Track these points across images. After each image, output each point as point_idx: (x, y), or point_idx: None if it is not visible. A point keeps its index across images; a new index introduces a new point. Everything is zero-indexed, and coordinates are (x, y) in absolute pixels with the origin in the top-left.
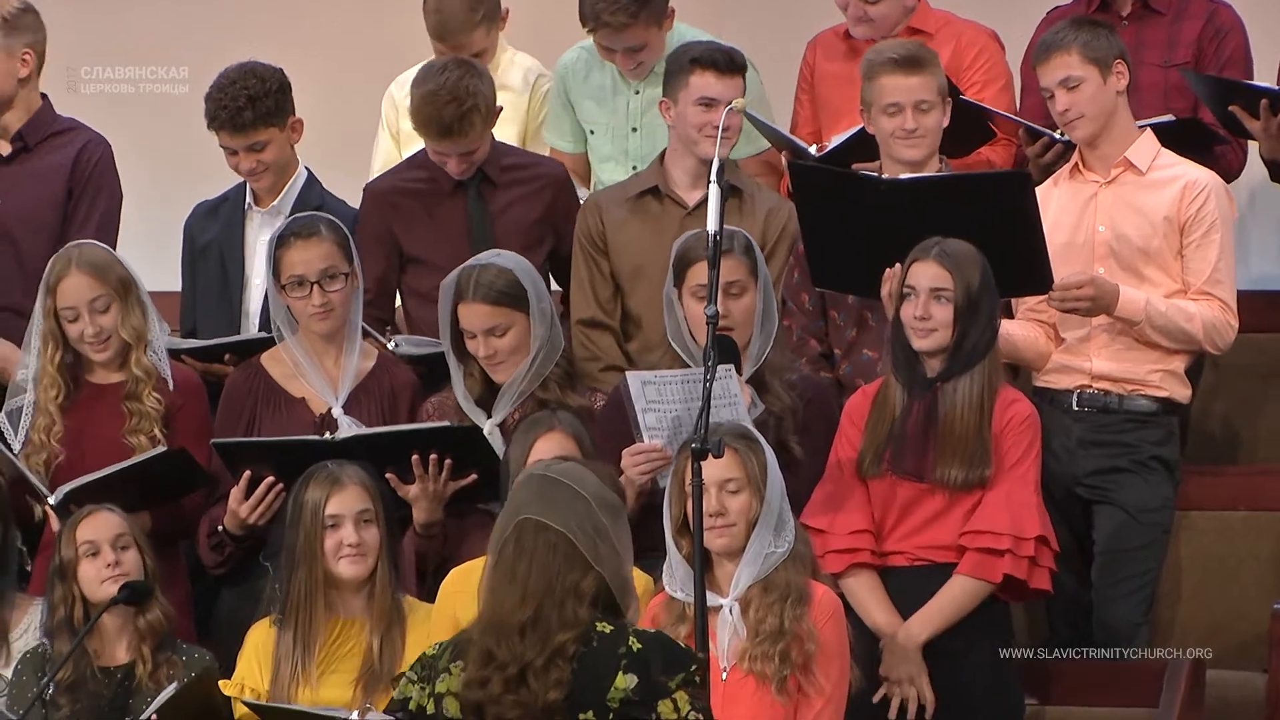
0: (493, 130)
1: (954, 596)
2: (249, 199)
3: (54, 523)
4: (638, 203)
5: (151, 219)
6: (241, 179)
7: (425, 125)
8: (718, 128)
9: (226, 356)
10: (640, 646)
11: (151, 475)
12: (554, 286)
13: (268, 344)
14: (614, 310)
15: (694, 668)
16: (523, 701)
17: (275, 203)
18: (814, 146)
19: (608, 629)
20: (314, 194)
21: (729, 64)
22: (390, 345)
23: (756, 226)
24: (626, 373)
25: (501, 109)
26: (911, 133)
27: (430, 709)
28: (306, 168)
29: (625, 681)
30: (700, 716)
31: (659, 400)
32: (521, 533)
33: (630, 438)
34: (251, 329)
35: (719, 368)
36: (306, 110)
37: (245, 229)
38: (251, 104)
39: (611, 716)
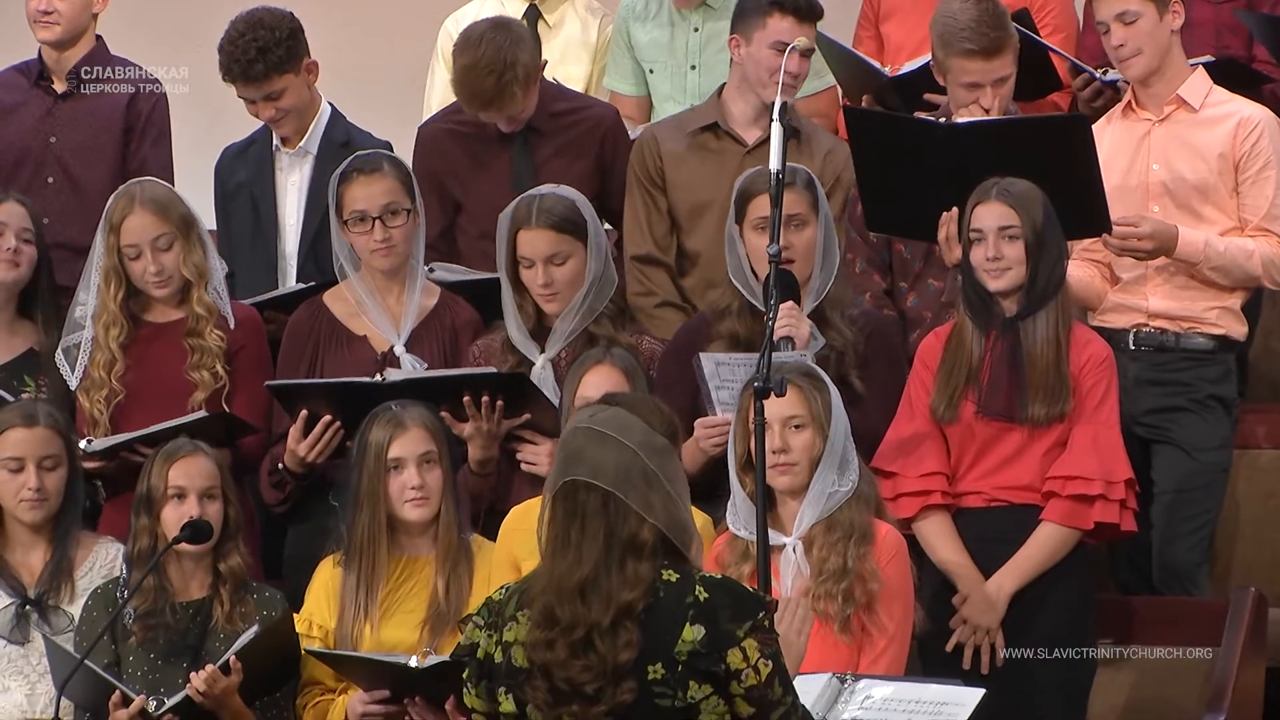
0: (554, 76)
1: (1043, 544)
2: (276, 140)
3: (86, 462)
4: (696, 139)
5: None
6: None
7: (467, 99)
8: (793, 75)
9: None
10: (707, 595)
11: (195, 431)
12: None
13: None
14: (669, 246)
15: (762, 614)
16: (591, 665)
17: (302, 143)
18: (888, 68)
19: (674, 577)
20: (339, 130)
21: (810, 11)
22: (425, 271)
23: (815, 167)
24: (700, 354)
25: (546, 63)
26: (988, 110)
27: (498, 658)
28: (330, 103)
29: (693, 633)
30: (770, 664)
31: (732, 379)
32: (571, 494)
33: (690, 383)
34: (289, 271)
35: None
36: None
37: (275, 171)
38: (262, 55)
39: (680, 669)
